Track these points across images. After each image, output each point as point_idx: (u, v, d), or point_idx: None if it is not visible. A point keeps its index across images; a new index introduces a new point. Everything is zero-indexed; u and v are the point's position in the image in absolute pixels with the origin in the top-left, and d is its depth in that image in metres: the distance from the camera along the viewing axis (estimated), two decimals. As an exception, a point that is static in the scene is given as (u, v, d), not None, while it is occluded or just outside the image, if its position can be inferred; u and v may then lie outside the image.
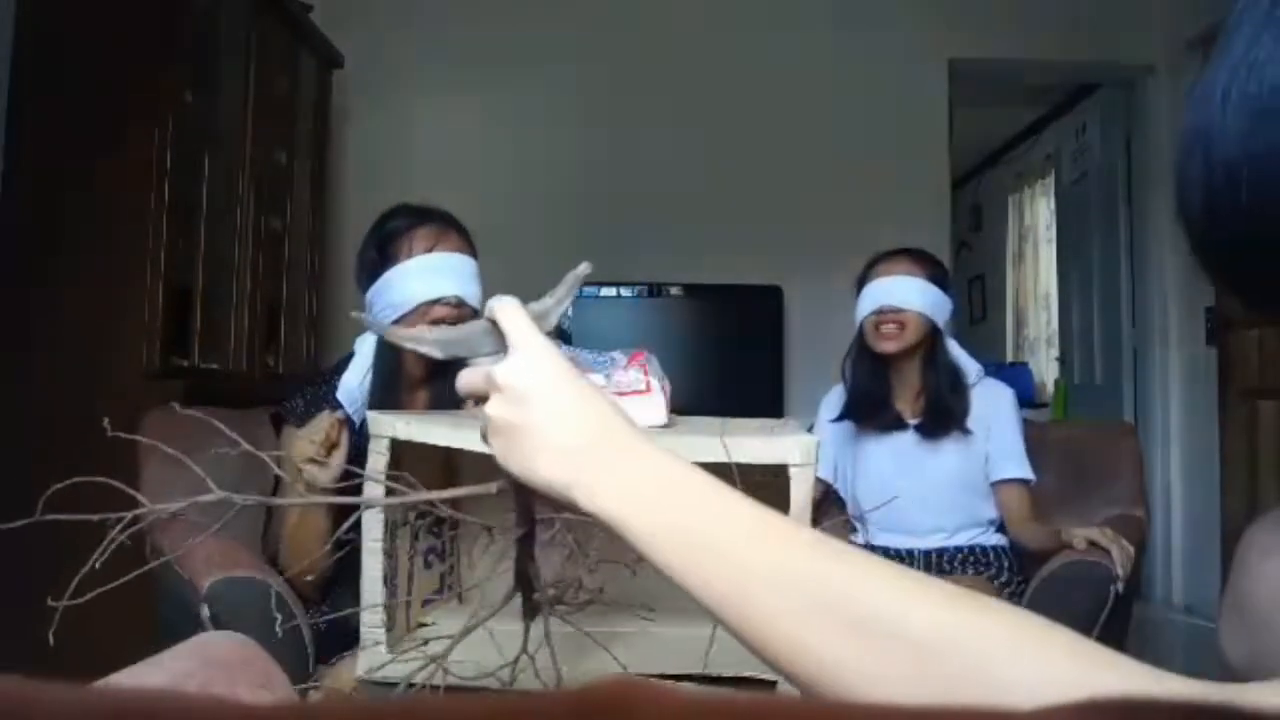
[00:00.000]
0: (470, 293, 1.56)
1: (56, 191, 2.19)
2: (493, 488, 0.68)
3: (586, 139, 3.66)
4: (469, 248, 1.62)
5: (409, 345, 0.67)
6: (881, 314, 1.87)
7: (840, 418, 1.98)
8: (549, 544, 0.90)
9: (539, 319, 0.68)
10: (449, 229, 1.60)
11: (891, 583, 0.47)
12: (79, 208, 2.18)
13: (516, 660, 0.81)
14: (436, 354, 0.65)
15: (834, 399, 2.06)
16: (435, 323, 1.53)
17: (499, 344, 0.62)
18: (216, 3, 2.51)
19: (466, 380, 0.63)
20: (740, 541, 0.50)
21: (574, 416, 0.57)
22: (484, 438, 0.62)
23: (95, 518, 0.70)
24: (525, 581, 0.75)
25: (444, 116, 3.68)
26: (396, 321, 1.55)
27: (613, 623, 1.06)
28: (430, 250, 1.55)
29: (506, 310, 0.63)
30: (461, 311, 1.55)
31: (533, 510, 0.72)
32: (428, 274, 1.53)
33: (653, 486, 0.54)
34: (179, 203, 2.23)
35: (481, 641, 0.85)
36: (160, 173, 2.18)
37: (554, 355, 0.60)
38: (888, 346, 1.88)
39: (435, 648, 0.93)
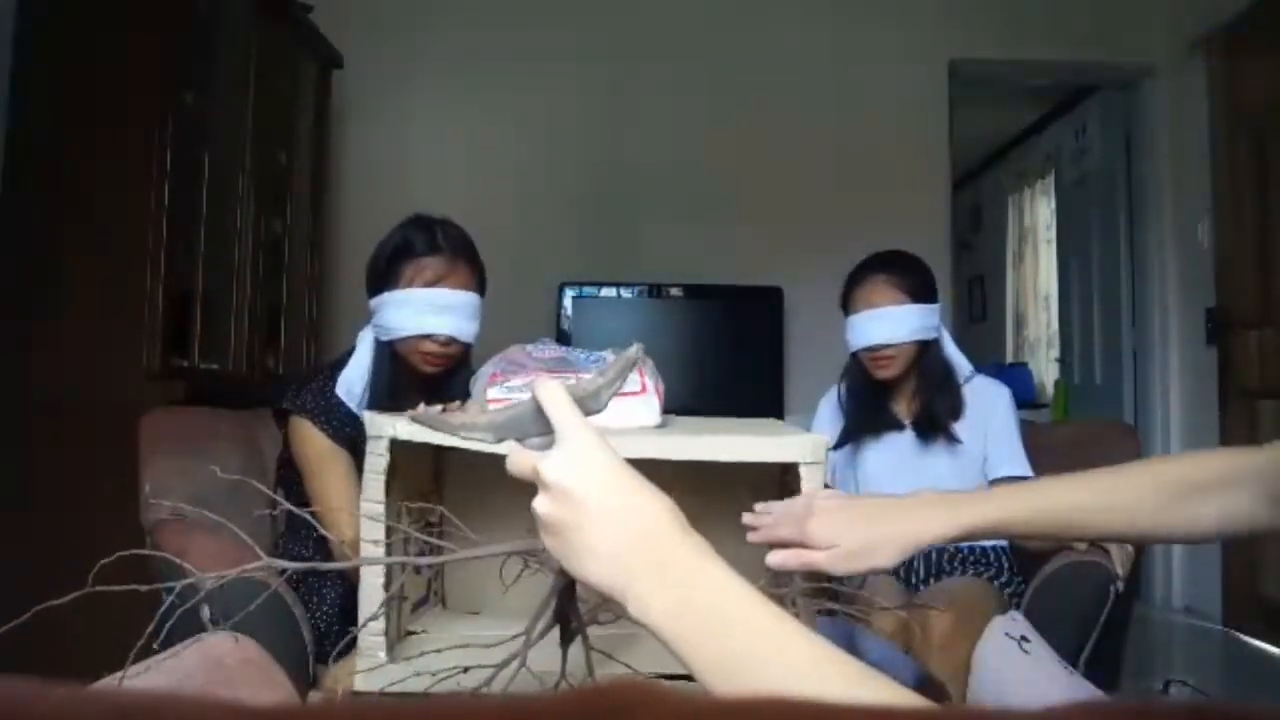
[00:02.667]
0: (465, 330, 1.57)
1: (57, 192, 2.19)
2: (540, 544, 0.70)
3: (586, 139, 3.66)
4: (475, 280, 1.62)
5: (462, 434, 0.68)
6: (872, 351, 1.88)
7: (840, 443, 1.98)
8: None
9: (591, 397, 0.69)
10: (458, 262, 1.59)
11: None
12: (79, 208, 2.18)
13: (557, 685, 0.81)
14: (490, 440, 0.66)
15: (832, 399, 2.06)
16: (425, 355, 1.56)
17: (548, 424, 0.62)
18: (216, 3, 2.50)
19: (515, 466, 0.63)
20: (791, 674, 0.50)
21: (620, 521, 0.57)
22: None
23: (144, 588, 0.69)
24: (564, 617, 0.76)
25: (444, 116, 3.68)
26: (390, 342, 1.58)
27: (623, 624, 1.06)
28: (433, 284, 1.55)
29: (550, 397, 0.62)
30: (449, 348, 1.57)
31: None
32: (424, 309, 1.54)
33: (702, 615, 0.54)
34: (179, 203, 2.23)
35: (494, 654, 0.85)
36: (160, 173, 2.17)
37: (598, 449, 0.60)
38: (884, 375, 1.90)
39: (430, 657, 0.93)
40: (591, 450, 0.59)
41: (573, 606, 0.76)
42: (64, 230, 2.18)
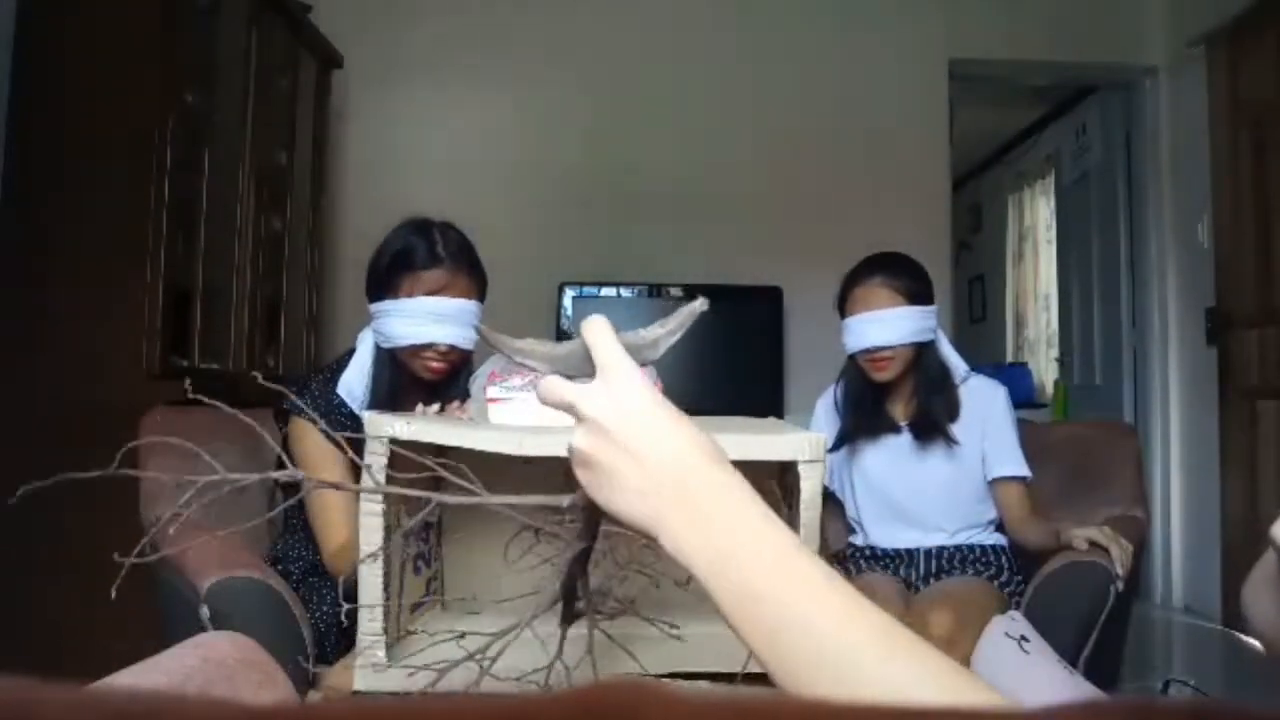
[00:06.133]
0: (465, 338, 1.57)
1: (57, 192, 2.19)
2: (564, 500, 0.68)
3: (586, 139, 3.66)
4: (476, 287, 1.61)
5: (517, 359, 0.68)
6: (869, 353, 1.87)
7: (837, 444, 1.98)
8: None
9: (647, 346, 0.68)
10: (459, 271, 1.58)
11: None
12: (79, 208, 2.18)
13: (551, 665, 0.81)
14: (544, 369, 0.66)
15: (828, 400, 2.06)
16: (425, 363, 1.56)
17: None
18: (216, 3, 2.50)
19: (551, 394, 0.62)
20: (822, 625, 0.50)
21: (656, 457, 0.56)
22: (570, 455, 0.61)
23: (122, 559, 0.69)
24: (570, 591, 0.75)
25: (444, 116, 3.68)
26: (391, 351, 1.58)
27: (631, 624, 1.06)
28: (433, 293, 1.55)
29: (595, 331, 0.61)
30: (450, 356, 1.56)
31: (597, 528, 0.71)
32: (424, 319, 1.54)
33: (730, 556, 0.53)
34: (179, 203, 2.23)
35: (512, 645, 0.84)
36: (160, 172, 2.17)
37: (639, 385, 0.59)
38: (882, 377, 1.90)
39: (428, 656, 0.92)
40: (631, 386, 0.58)
41: (583, 580, 0.75)
42: (64, 230, 2.18)
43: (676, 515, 0.55)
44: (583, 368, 0.63)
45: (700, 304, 0.71)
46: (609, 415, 0.58)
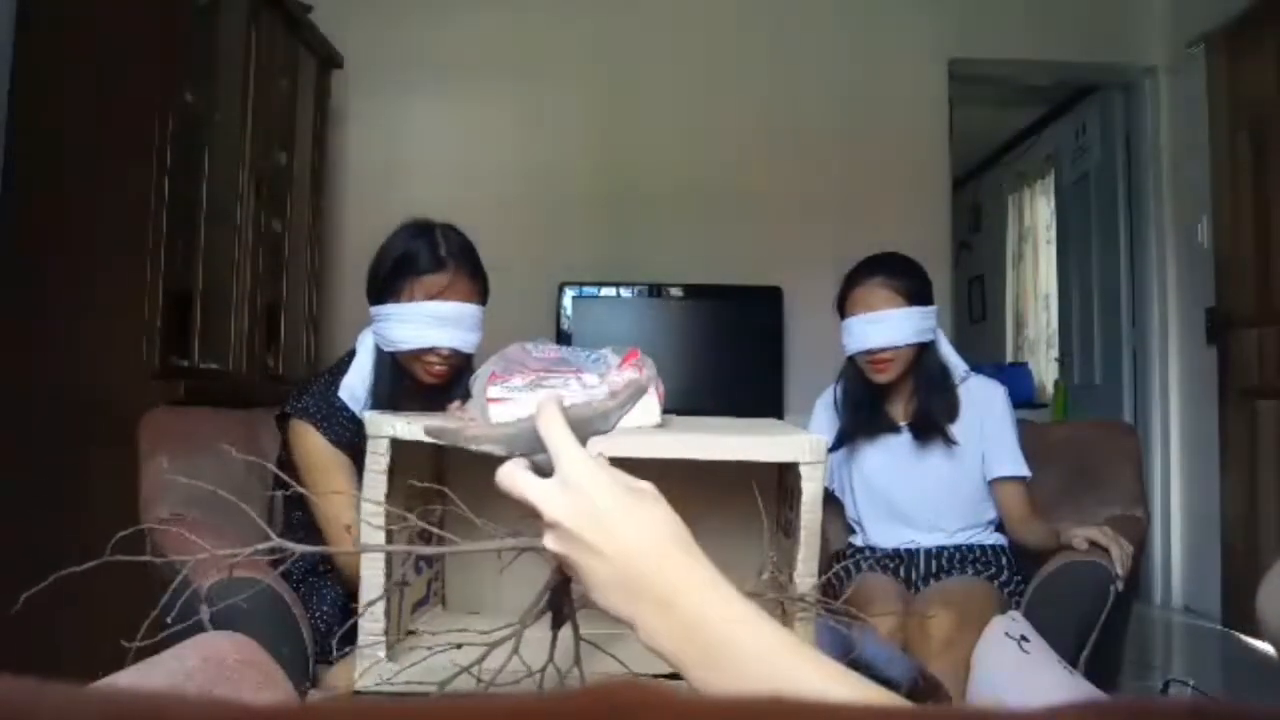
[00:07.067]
0: (467, 342, 1.56)
1: (56, 191, 2.19)
2: (540, 543, 0.70)
3: (586, 139, 3.66)
4: (478, 289, 1.60)
5: (474, 446, 0.68)
6: (870, 354, 1.87)
7: (836, 445, 1.98)
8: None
9: (600, 418, 0.68)
10: (460, 274, 1.57)
11: None
12: (79, 207, 2.18)
13: (544, 669, 0.81)
14: (500, 453, 0.66)
15: (827, 401, 2.06)
16: (427, 367, 1.56)
17: None
18: (216, 3, 2.50)
19: (509, 484, 0.63)
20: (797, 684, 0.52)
21: (622, 554, 0.58)
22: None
23: (159, 559, 0.69)
24: (557, 603, 0.76)
25: (444, 116, 3.68)
26: (392, 354, 1.58)
27: (612, 623, 1.06)
28: (434, 298, 1.54)
29: (547, 421, 0.63)
30: (452, 360, 1.57)
31: None
32: (426, 323, 1.53)
33: (705, 642, 0.55)
34: (179, 202, 2.23)
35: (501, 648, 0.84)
36: (160, 172, 2.17)
37: (591, 476, 0.60)
38: (882, 378, 1.89)
39: (427, 665, 0.93)
40: (587, 482, 0.60)
41: (566, 598, 0.76)
42: (64, 229, 2.18)
43: (645, 605, 0.57)
44: (536, 445, 0.64)
45: (646, 379, 0.72)
46: (570, 518, 0.59)
